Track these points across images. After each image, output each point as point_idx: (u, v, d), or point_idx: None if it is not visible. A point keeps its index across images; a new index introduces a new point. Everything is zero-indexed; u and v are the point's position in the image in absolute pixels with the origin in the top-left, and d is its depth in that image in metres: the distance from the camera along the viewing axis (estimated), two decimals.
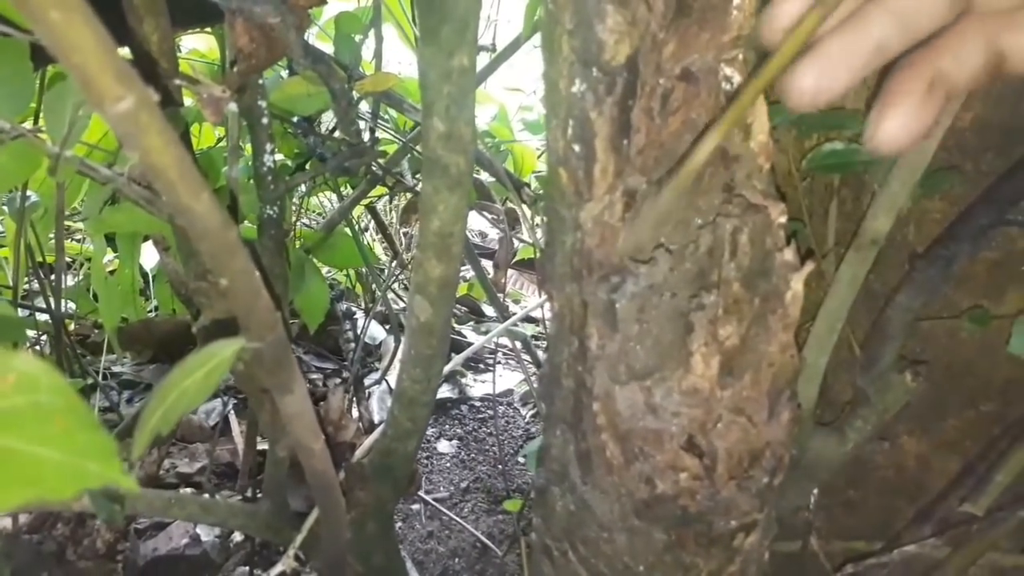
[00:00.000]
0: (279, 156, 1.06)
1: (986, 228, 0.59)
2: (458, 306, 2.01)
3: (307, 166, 0.88)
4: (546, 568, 0.65)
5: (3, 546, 1.01)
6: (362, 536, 0.74)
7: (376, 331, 1.71)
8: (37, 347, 1.44)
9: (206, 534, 1.15)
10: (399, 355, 1.53)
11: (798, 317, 0.51)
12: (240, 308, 0.37)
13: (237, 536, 1.12)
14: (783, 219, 0.51)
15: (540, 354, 1.27)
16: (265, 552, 1.12)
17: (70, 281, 1.73)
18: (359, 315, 1.56)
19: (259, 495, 1.05)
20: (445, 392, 1.62)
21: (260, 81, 0.55)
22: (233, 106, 0.51)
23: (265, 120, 0.56)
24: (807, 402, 0.67)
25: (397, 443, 0.71)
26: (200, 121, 1.03)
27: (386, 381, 1.54)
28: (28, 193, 1.05)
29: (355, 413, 1.09)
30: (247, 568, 1.05)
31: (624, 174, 0.48)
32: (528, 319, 1.70)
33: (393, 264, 1.69)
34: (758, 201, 0.50)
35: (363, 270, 1.54)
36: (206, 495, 1.14)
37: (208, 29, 0.91)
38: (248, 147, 0.71)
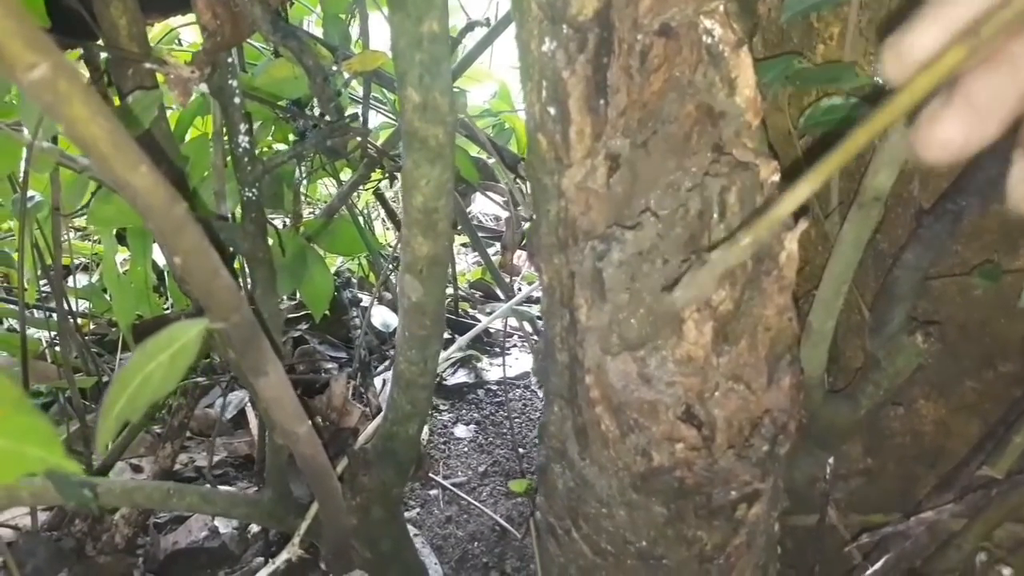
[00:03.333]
0: (280, 145, 1.05)
1: (996, 179, 0.56)
2: (473, 291, 2.00)
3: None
4: (552, 547, 0.63)
5: (24, 544, 1.02)
6: (368, 522, 0.73)
7: (390, 318, 1.69)
8: (56, 347, 1.45)
9: (224, 526, 1.15)
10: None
11: (794, 278, 0.49)
12: (197, 288, 0.36)
13: (255, 527, 1.12)
14: (776, 177, 0.49)
15: None
16: (283, 542, 1.12)
17: (87, 281, 1.74)
18: (368, 302, 1.55)
19: None
20: (461, 377, 1.61)
21: (230, 60, 0.54)
22: (204, 86, 0.50)
23: (238, 100, 0.55)
24: (816, 368, 0.65)
25: (398, 426, 0.70)
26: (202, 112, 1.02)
27: None
28: (32, 193, 1.05)
29: (369, 399, 1.08)
30: (263, 559, 1.05)
31: (604, 136, 0.46)
32: (534, 299, 1.68)
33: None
34: (747, 159, 0.48)
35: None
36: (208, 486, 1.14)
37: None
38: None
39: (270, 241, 0.91)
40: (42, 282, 1.54)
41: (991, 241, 0.63)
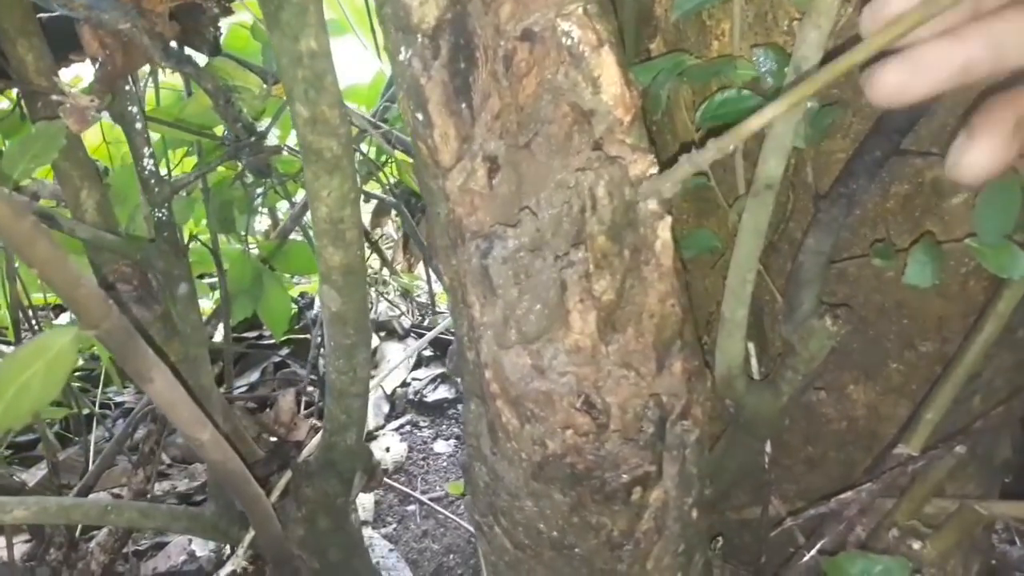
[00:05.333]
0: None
1: (881, 160, 0.58)
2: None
3: (248, 177, 0.89)
4: (482, 546, 0.65)
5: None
6: (315, 532, 0.74)
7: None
8: None
9: (201, 550, 1.17)
10: (383, 357, 1.52)
11: (672, 265, 0.51)
12: (62, 296, 0.38)
13: (228, 549, 1.14)
14: (653, 170, 0.51)
15: None
16: (259, 562, 1.13)
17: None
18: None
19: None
20: (442, 393, 1.63)
21: (128, 87, 0.57)
22: (105, 114, 0.52)
23: (139, 125, 0.58)
24: (734, 358, 0.66)
25: (336, 437, 0.72)
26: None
27: (381, 388, 1.55)
28: None
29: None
30: None
31: (474, 139, 0.48)
32: None
33: (382, 269, 1.71)
34: (621, 154, 0.50)
35: None
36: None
37: None
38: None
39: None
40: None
41: (894, 222, 0.64)
